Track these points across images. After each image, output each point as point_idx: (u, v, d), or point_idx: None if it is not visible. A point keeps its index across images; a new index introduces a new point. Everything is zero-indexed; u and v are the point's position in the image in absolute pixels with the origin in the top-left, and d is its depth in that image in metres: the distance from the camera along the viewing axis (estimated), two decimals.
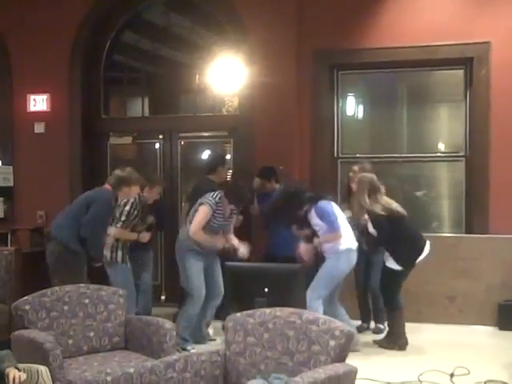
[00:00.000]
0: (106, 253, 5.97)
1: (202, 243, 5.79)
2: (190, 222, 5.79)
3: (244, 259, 5.94)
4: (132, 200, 6.06)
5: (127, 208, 6.04)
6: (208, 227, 5.77)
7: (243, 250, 5.93)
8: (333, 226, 5.68)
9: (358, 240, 5.93)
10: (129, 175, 5.72)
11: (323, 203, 5.76)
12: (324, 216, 5.71)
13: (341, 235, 5.70)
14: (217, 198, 5.75)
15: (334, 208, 5.81)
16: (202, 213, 5.71)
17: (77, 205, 5.67)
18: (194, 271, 5.81)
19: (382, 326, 6.58)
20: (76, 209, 5.63)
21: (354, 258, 5.80)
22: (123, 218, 6.02)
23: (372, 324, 6.74)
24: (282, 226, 6.25)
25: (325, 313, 5.56)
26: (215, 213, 5.74)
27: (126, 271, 6.07)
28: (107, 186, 5.70)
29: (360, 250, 6.00)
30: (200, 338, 6.10)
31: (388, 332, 6.18)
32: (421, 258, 5.98)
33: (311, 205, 5.75)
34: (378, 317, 6.62)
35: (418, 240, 6.02)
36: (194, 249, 5.81)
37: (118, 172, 5.77)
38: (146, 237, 6.24)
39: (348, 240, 5.77)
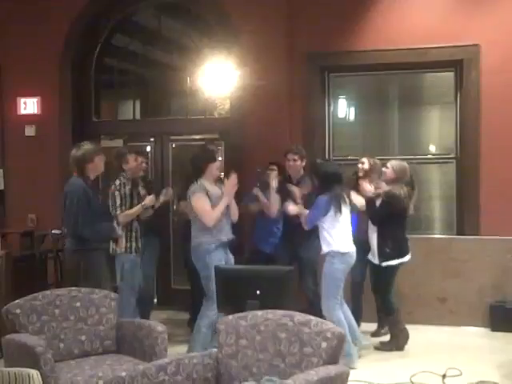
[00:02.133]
0: (121, 243, 5.95)
1: (219, 218, 5.63)
2: (194, 223, 5.73)
3: None
4: (117, 182, 6.00)
5: (116, 193, 5.98)
6: None
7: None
8: (309, 219, 5.71)
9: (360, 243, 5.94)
10: (84, 151, 5.50)
11: (325, 198, 5.69)
12: (314, 207, 5.71)
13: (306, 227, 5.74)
14: (198, 182, 5.67)
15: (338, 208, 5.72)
16: (198, 202, 5.59)
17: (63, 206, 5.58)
18: None
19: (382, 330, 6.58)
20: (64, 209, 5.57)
21: (349, 259, 5.72)
22: (118, 202, 5.95)
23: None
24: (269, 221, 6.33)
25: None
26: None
27: (134, 264, 6.01)
28: (74, 174, 5.54)
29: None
30: None
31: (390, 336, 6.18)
32: (398, 261, 6.00)
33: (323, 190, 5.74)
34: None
35: (404, 244, 6.06)
36: (214, 246, 5.65)
37: (72, 153, 5.53)
38: (150, 199, 6.10)
39: (341, 243, 5.70)
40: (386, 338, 6.28)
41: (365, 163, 6.47)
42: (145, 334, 4.36)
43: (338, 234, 5.70)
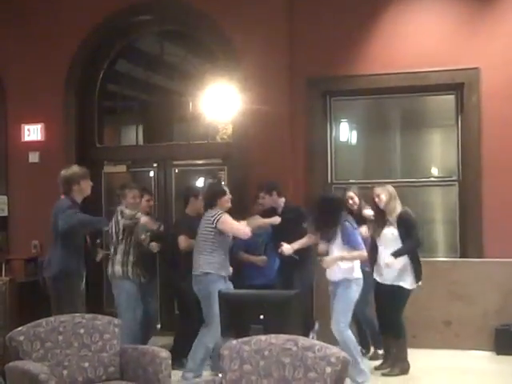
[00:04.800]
0: (118, 267, 6.01)
1: (258, 227, 5.94)
2: (201, 252, 5.80)
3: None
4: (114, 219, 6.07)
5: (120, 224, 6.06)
6: (221, 247, 5.78)
7: None
8: (361, 246, 5.62)
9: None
10: (73, 172, 5.64)
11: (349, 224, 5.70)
12: (349, 235, 5.62)
13: (366, 256, 5.68)
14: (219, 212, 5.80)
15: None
16: (227, 220, 5.76)
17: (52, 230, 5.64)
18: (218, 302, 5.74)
19: (380, 352, 6.55)
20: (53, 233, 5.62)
21: (361, 284, 5.71)
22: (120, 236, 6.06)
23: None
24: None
25: None
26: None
27: (132, 289, 6.04)
28: (62, 197, 5.64)
29: None
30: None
31: (392, 358, 6.11)
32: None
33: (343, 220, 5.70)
34: (377, 342, 6.59)
35: None
36: (217, 276, 5.77)
37: (62, 173, 5.65)
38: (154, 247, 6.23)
39: (358, 269, 5.69)
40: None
41: (354, 198, 6.48)
42: (148, 360, 4.34)
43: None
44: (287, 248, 6.00)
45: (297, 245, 6.00)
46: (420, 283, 6.00)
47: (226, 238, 5.85)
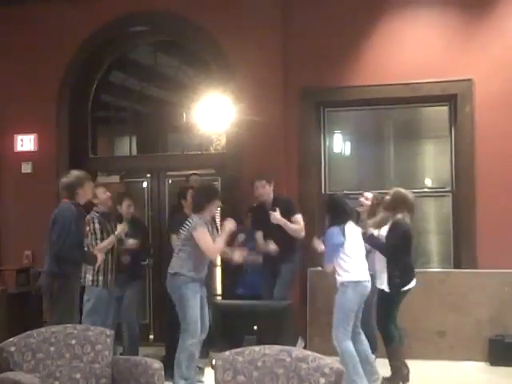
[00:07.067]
0: (88, 276, 5.94)
1: (223, 254, 5.85)
2: (177, 253, 5.73)
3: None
4: (87, 217, 6.01)
5: (87, 228, 6.00)
6: (195, 251, 5.65)
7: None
8: (327, 258, 5.59)
9: None
10: (74, 176, 5.60)
11: (335, 229, 5.62)
12: (326, 244, 5.65)
13: (328, 270, 5.60)
14: (198, 218, 5.68)
15: (348, 236, 5.63)
16: (201, 236, 5.59)
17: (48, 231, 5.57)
18: (193, 305, 5.62)
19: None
20: (48, 234, 5.55)
21: (363, 289, 5.56)
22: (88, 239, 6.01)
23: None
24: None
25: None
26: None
27: (102, 299, 5.96)
28: (64, 200, 5.58)
29: None
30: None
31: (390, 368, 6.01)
32: (407, 287, 5.89)
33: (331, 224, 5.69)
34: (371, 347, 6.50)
35: (411, 270, 5.98)
36: (191, 279, 5.65)
37: (63, 180, 5.62)
38: (122, 228, 6.17)
39: (355, 272, 5.56)
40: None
41: (368, 199, 6.45)
42: (141, 372, 4.30)
43: (352, 262, 5.56)
44: (276, 214, 6.22)
45: (285, 222, 6.25)
46: (405, 288, 5.86)
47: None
